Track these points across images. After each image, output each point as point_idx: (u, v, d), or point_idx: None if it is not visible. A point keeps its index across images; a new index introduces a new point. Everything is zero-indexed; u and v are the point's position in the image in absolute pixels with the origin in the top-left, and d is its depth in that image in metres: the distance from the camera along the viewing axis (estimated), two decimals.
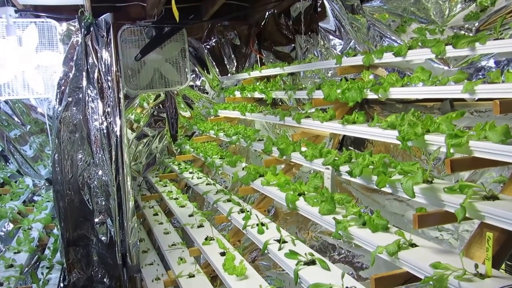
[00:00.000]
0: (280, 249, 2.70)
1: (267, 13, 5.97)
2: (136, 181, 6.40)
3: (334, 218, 2.29)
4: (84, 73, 4.02)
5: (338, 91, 3.24)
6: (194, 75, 6.56)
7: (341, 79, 4.00)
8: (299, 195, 2.84)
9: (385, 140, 2.55)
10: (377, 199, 3.11)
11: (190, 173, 5.12)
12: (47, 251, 4.63)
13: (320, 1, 4.42)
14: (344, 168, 2.59)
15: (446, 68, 3.18)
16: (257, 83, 5.37)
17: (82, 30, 4.04)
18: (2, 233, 4.91)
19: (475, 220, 1.86)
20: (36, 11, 4.98)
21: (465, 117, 2.60)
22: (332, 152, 2.83)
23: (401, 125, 2.33)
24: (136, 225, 4.08)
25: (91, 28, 4.08)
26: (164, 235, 4.29)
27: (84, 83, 4.04)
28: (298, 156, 3.18)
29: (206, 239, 3.53)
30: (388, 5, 3.73)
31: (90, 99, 4.05)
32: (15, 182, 5.49)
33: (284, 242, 2.78)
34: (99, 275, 3.98)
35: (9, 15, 4.55)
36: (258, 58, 6.27)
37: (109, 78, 4.03)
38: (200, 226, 3.86)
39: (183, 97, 6.61)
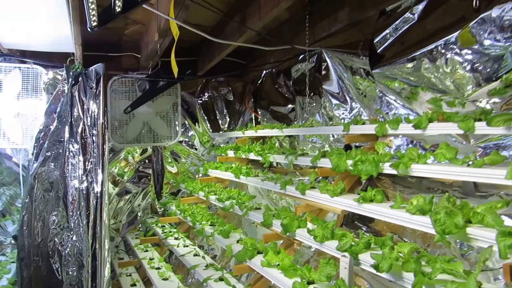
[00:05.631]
0: None
1: (264, 72, 5.79)
2: (113, 241, 5.88)
3: None
4: (67, 126, 3.66)
5: (349, 162, 2.94)
6: (183, 130, 6.25)
7: (345, 147, 3.73)
8: (308, 283, 2.45)
9: (416, 228, 2.20)
10: None
11: (176, 239, 4.66)
12: None
13: (325, 64, 4.21)
14: (364, 257, 2.23)
15: (465, 143, 2.91)
16: (252, 143, 5.07)
17: (70, 80, 3.72)
18: None
19: None
20: (23, 56, 4.66)
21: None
22: (347, 235, 2.47)
23: (437, 213, 2.00)
24: None
25: (80, 78, 3.77)
26: None
27: (66, 136, 3.66)
28: (305, 235, 2.80)
29: None
30: (397, 72, 3.52)
31: (71, 154, 3.66)
32: None
33: None
34: None
35: None
36: (254, 117, 6.00)
37: (94, 132, 3.67)
38: None
39: (171, 152, 6.26)
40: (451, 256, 2.00)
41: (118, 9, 2.18)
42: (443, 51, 2.84)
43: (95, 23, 2.29)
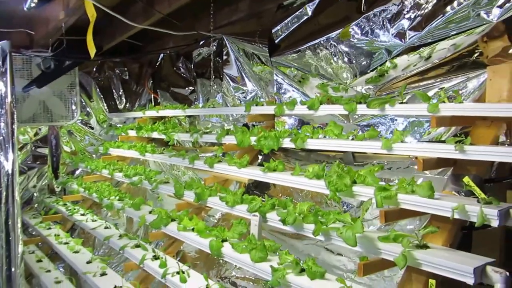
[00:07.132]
0: None
1: (162, 54, 5.96)
2: None
3: (271, 266, 2.35)
4: None
5: (252, 138, 3.37)
6: (80, 109, 6.20)
7: (244, 126, 4.15)
8: (222, 241, 2.86)
9: (312, 189, 2.72)
10: (295, 244, 3.26)
11: (82, 215, 4.76)
12: None
13: (226, 50, 4.59)
14: (271, 216, 2.70)
15: (346, 122, 3.51)
16: (153, 123, 5.27)
17: None
18: None
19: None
20: None
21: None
22: (256, 199, 2.92)
23: (330, 176, 2.52)
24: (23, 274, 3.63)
25: None
26: (56, 285, 3.87)
27: None
28: (216, 202, 3.20)
29: None
30: (290, 61, 4.02)
31: None
32: None
33: None
34: None
35: None
36: (153, 98, 6.18)
37: (1, 111, 3.63)
38: (103, 274, 3.58)
39: (67, 131, 6.19)
40: (339, 211, 2.55)
41: None
42: (326, 44, 3.37)
43: (33, 5, 2.38)
